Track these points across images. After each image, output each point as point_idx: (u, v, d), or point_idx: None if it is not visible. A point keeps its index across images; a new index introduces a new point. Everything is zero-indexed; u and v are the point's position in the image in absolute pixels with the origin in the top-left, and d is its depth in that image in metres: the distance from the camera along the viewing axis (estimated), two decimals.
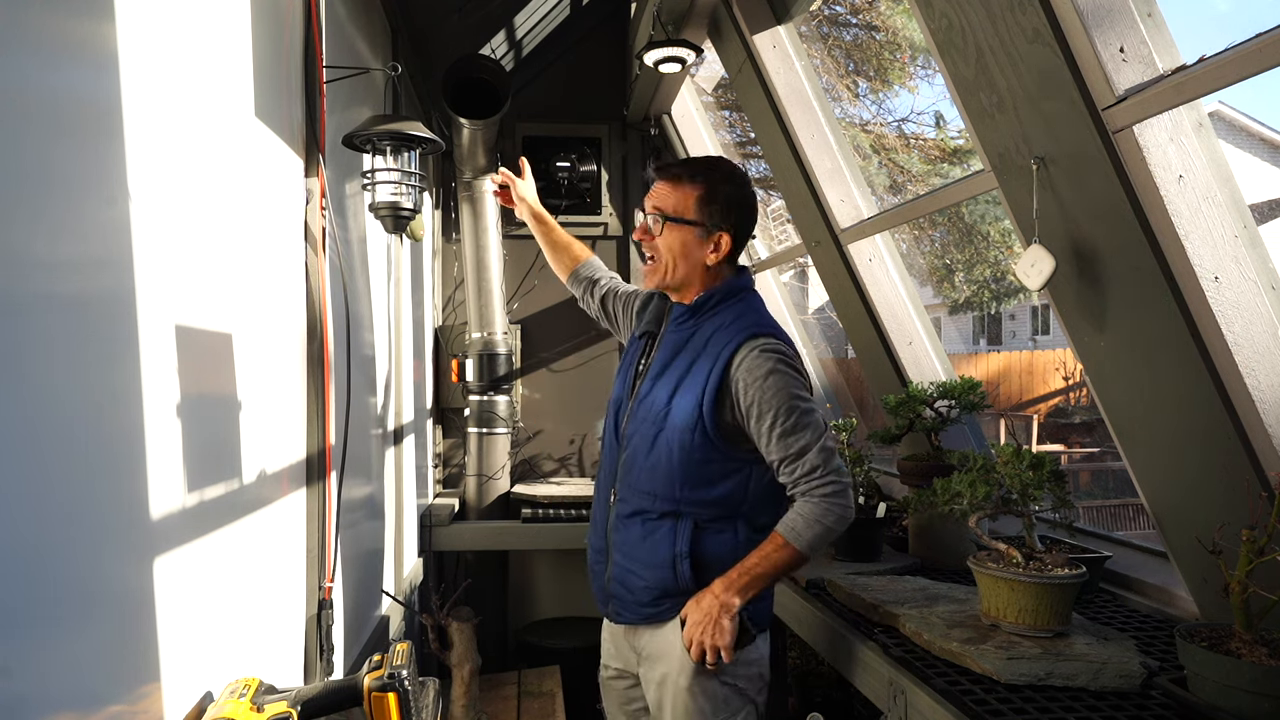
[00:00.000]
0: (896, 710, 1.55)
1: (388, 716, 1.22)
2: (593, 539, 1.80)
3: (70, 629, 0.86)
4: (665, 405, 1.64)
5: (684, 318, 1.69)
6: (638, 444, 1.67)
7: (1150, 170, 1.42)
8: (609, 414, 1.80)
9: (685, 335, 1.68)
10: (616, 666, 1.81)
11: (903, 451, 2.58)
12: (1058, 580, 1.52)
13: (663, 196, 1.67)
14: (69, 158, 0.87)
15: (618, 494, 1.71)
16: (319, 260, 1.74)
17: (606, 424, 1.80)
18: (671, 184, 1.67)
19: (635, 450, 1.67)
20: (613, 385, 1.86)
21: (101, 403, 0.93)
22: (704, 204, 1.66)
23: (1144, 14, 1.44)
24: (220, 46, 1.31)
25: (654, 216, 1.67)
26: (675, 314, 1.72)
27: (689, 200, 1.66)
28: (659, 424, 1.64)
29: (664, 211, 1.67)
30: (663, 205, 1.67)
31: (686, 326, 1.69)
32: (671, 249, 1.66)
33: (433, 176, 3.77)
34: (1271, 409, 1.41)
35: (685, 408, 1.60)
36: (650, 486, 1.64)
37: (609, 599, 1.74)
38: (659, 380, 1.67)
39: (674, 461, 1.61)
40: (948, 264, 11.49)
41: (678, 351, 1.67)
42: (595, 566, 1.79)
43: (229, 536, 1.31)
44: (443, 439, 3.98)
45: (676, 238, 1.66)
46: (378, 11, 2.55)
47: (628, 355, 1.83)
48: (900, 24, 7.24)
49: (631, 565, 1.67)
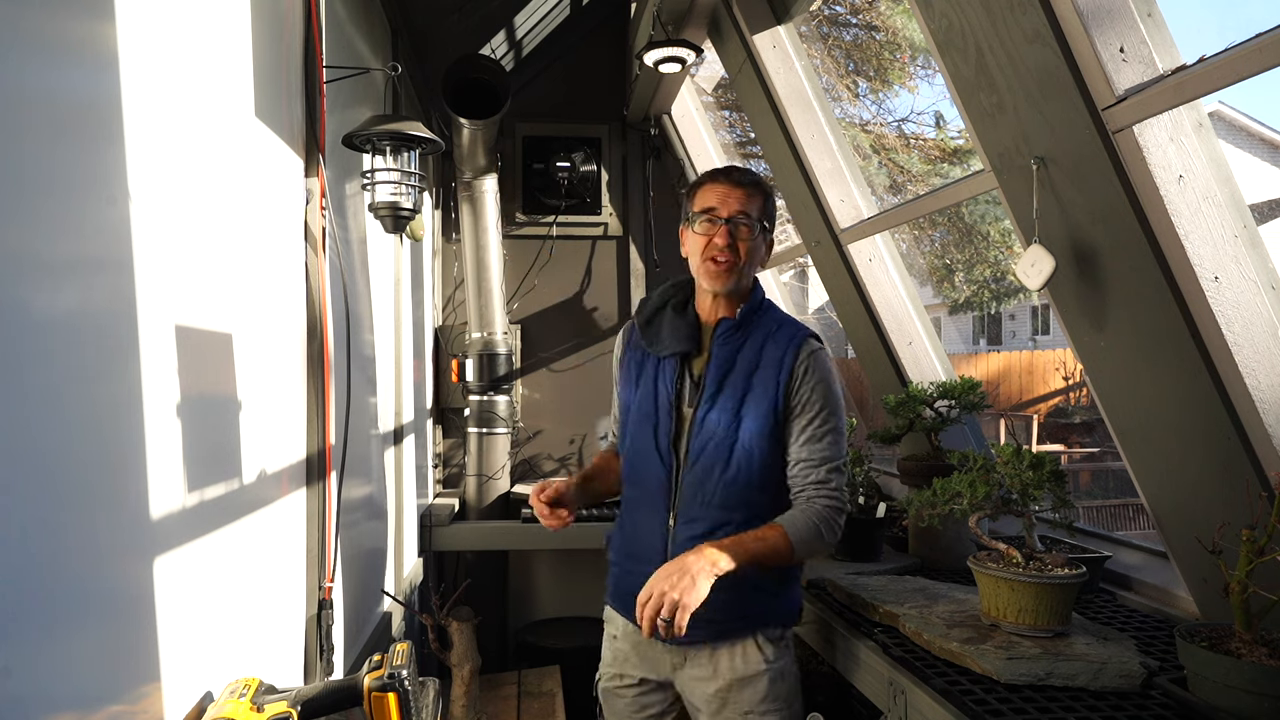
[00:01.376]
0: (896, 710, 1.55)
1: (388, 716, 1.22)
2: (635, 563, 1.70)
3: (70, 629, 0.86)
4: (734, 419, 1.64)
5: (729, 333, 1.70)
6: (710, 460, 1.65)
7: (1150, 170, 1.42)
8: (643, 432, 1.72)
9: (734, 349, 1.69)
10: (639, 675, 1.76)
11: (903, 451, 2.58)
12: (1058, 580, 1.52)
13: (744, 201, 1.68)
14: (69, 158, 0.87)
15: (680, 515, 1.67)
16: (319, 260, 1.74)
17: (640, 444, 1.73)
18: (746, 191, 1.68)
19: (707, 467, 1.65)
20: (623, 397, 1.79)
21: (101, 403, 0.93)
22: (770, 208, 1.72)
23: (1144, 14, 1.44)
24: (220, 46, 1.31)
25: (748, 222, 1.67)
26: (721, 330, 1.71)
27: (763, 205, 1.70)
28: (731, 436, 1.64)
29: (755, 217, 1.68)
30: (750, 210, 1.68)
31: (734, 340, 1.70)
32: (751, 252, 1.68)
33: (433, 176, 3.77)
34: (1271, 409, 1.41)
35: (759, 415, 1.64)
36: (730, 500, 1.64)
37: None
38: (718, 398, 1.66)
39: (754, 469, 1.64)
40: (948, 264, 11.49)
41: (729, 367, 1.68)
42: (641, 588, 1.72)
43: (229, 536, 1.31)
44: (443, 439, 3.98)
45: (758, 247, 1.70)
46: (378, 11, 2.55)
47: (648, 373, 1.75)
48: (900, 24, 7.24)
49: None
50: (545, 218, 4.00)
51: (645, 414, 1.72)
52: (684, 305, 1.76)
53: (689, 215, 1.72)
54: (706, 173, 1.74)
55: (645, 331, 1.76)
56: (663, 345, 1.72)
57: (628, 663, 1.77)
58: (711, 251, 1.66)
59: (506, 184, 3.90)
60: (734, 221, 1.65)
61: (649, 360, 1.75)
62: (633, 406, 1.76)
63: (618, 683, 1.79)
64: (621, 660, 1.78)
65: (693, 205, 1.71)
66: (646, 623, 1.43)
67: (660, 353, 1.72)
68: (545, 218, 4.00)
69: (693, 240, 1.70)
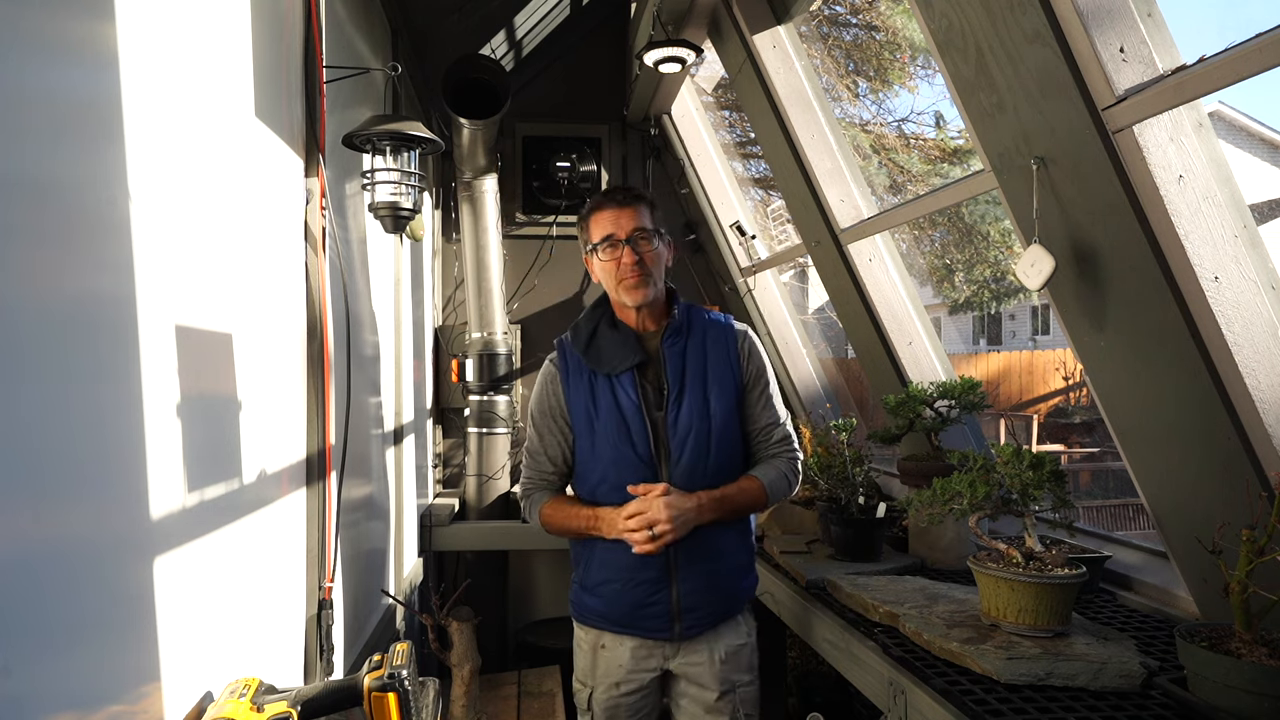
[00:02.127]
0: (896, 710, 1.55)
1: (388, 716, 1.22)
2: (636, 573, 1.77)
3: (70, 629, 0.86)
4: (704, 409, 1.78)
5: (674, 337, 1.82)
6: (695, 453, 1.76)
7: (1150, 170, 1.42)
8: (619, 445, 1.76)
9: (681, 350, 1.82)
10: (638, 681, 1.81)
11: (903, 451, 2.58)
12: (1058, 580, 1.52)
13: (635, 218, 1.78)
14: (69, 158, 0.87)
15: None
16: (319, 260, 1.74)
17: (617, 455, 1.76)
18: (634, 208, 1.79)
19: (693, 461, 1.76)
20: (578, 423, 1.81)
21: (102, 403, 0.93)
22: (657, 214, 1.84)
23: (1144, 14, 1.44)
24: (220, 46, 1.31)
25: (645, 235, 1.78)
26: (667, 336, 1.82)
27: (651, 215, 1.81)
28: (707, 424, 1.77)
29: (649, 229, 1.79)
30: (643, 224, 1.79)
31: (678, 343, 1.82)
32: (656, 260, 1.80)
33: (433, 176, 3.77)
34: (1271, 409, 1.41)
35: (724, 399, 1.79)
36: (721, 483, 1.77)
37: (677, 617, 1.77)
38: (684, 396, 1.78)
39: (735, 447, 1.81)
40: (948, 264, 11.49)
41: (683, 365, 1.80)
42: (650, 597, 1.77)
43: (229, 536, 1.31)
44: (443, 439, 3.98)
45: (662, 253, 1.82)
46: (378, 11, 2.55)
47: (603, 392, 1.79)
48: (900, 24, 7.24)
49: (715, 566, 1.79)
50: (545, 218, 4.00)
51: (615, 428, 1.78)
52: (613, 322, 1.84)
53: (590, 247, 1.82)
54: (591, 201, 1.85)
55: (588, 355, 1.83)
56: (614, 363, 1.80)
57: (622, 672, 1.81)
58: (623, 273, 1.77)
59: (506, 184, 3.90)
60: (632, 240, 1.76)
61: (599, 380, 1.80)
62: (597, 426, 1.79)
63: (615, 693, 1.82)
64: (620, 671, 1.81)
65: (590, 236, 1.82)
66: (641, 536, 1.68)
67: (615, 370, 1.79)
68: (545, 218, 4.00)
69: (600, 267, 1.81)
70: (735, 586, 1.84)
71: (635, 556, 1.73)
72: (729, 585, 1.82)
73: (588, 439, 1.81)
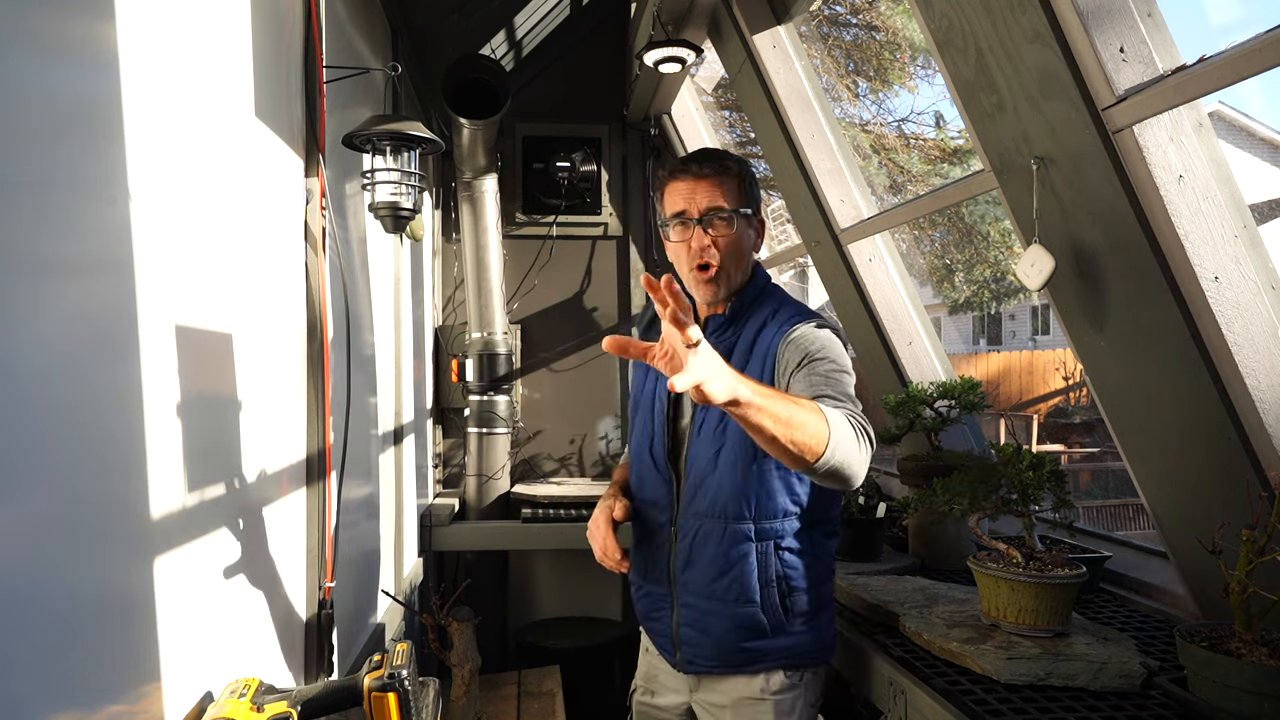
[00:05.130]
0: (896, 710, 1.55)
1: (388, 716, 1.22)
2: (647, 585, 1.66)
3: (70, 629, 0.86)
4: (720, 418, 1.50)
5: (720, 331, 1.56)
6: (701, 467, 1.55)
7: (1150, 170, 1.42)
8: (641, 446, 1.65)
9: (726, 349, 1.54)
10: (664, 699, 1.71)
11: (903, 451, 2.58)
12: (1058, 580, 1.52)
13: (714, 193, 1.50)
14: (69, 158, 0.87)
15: (680, 528, 1.58)
16: (319, 260, 1.74)
17: (640, 455, 1.65)
18: (713, 180, 1.50)
19: (699, 474, 1.55)
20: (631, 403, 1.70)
21: (102, 403, 0.93)
22: (748, 188, 1.53)
23: (1144, 14, 1.44)
24: (220, 46, 1.30)
25: (724, 217, 1.49)
26: (711, 329, 1.56)
27: (738, 189, 1.51)
28: (719, 439, 1.52)
29: (730, 207, 1.49)
30: (723, 201, 1.49)
31: (727, 338, 1.56)
32: (734, 247, 1.51)
33: (433, 176, 3.77)
34: (1271, 409, 1.41)
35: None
36: (717, 507, 1.52)
37: (678, 646, 1.61)
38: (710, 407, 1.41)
39: (738, 471, 1.50)
40: (948, 264, 11.49)
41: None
42: (654, 613, 1.66)
43: (229, 536, 1.31)
44: (443, 439, 3.97)
45: (745, 237, 1.53)
46: (378, 11, 2.55)
47: (648, 383, 1.65)
48: (900, 24, 7.24)
49: (709, 605, 1.54)
50: (545, 218, 3.99)
51: (643, 425, 1.66)
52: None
53: (661, 222, 1.59)
54: (670, 165, 1.58)
55: (645, 338, 1.60)
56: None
57: (653, 680, 1.75)
58: (693, 259, 1.52)
59: (506, 184, 3.90)
60: (707, 220, 1.50)
61: (651, 369, 1.61)
62: (635, 417, 1.70)
63: (649, 699, 1.75)
64: (650, 678, 1.76)
65: (663, 208, 1.57)
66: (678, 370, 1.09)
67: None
68: (545, 218, 3.99)
69: (670, 248, 1.57)
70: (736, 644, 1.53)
71: (642, 560, 1.65)
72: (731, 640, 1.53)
73: (631, 422, 1.69)
